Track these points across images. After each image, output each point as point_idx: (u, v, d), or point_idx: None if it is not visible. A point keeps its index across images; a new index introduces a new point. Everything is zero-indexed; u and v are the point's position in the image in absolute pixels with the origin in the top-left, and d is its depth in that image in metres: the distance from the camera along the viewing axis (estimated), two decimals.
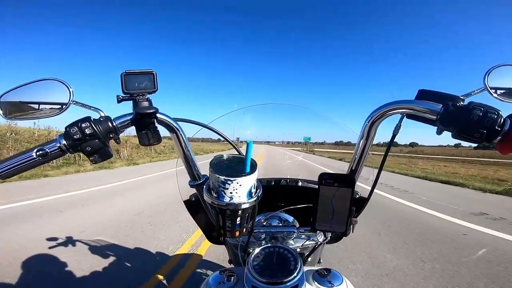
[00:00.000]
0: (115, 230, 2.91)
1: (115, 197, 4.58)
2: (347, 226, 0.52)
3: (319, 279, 0.51)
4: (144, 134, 0.50)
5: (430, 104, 0.45)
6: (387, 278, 2.00)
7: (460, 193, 6.09)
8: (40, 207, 3.77)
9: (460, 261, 2.33)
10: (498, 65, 0.46)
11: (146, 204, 4.06)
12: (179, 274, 1.98)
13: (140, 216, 3.45)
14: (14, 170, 0.43)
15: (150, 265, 2.13)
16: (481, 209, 4.34)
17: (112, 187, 5.54)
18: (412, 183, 7.56)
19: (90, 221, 3.20)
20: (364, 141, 0.54)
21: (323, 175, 0.51)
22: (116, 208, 3.83)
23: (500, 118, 0.39)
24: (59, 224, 3.07)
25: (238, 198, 0.41)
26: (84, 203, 4.08)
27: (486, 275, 2.07)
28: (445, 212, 4.03)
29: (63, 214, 3.48)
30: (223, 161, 0.44)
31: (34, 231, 2.80)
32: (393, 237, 2.93)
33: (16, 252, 2.25)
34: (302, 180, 0.79)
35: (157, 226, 3.09)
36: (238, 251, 0.64)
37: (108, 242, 2.56)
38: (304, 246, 0.64)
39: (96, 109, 0.47)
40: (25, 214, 3.37)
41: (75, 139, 0.43)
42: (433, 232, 3.13)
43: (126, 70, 0.48)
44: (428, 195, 5.50)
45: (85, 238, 2.56)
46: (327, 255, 2.07)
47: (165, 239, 2.69)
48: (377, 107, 0.50)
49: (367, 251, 2.51)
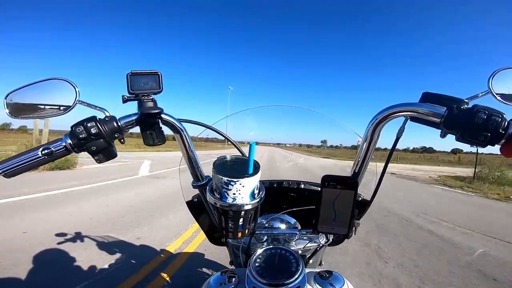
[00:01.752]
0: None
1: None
2: (350, 229, 0.52)
3: (320, 281, 0.51)
4: (148, 134, 0.50)
5: (434, 107, 0.44)
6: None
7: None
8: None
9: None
10: (503, 68, 0.46)
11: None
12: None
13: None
14: (20, 169, 0.43)
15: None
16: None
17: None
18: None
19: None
20: (368, 144, 0.54)
21: (326, 177, 0.51)
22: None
23: (504, 121, 0.39)
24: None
25: (241, 199, 0.41)
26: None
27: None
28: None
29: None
30: (226, 162, 0.44)
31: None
32: None
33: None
34: (305, 182, 0.78)
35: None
36: (239, 252, 0.64)
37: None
38: (306, 248, 0.64)
39: (102, 109, 0.47)
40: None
41: (80, 138, 0.43)
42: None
43: (132, 71, 0.48)
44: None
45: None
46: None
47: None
48: (380, 110, 0.50)
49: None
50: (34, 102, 0.49)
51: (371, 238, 3.01)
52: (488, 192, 7.48)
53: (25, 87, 0.48)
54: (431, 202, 5.65)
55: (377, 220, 3.75)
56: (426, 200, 5.79)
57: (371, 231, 3.26)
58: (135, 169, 7.85)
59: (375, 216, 3.88)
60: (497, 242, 3.17)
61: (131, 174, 6.92)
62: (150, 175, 7.01)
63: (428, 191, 7.45)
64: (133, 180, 6.17)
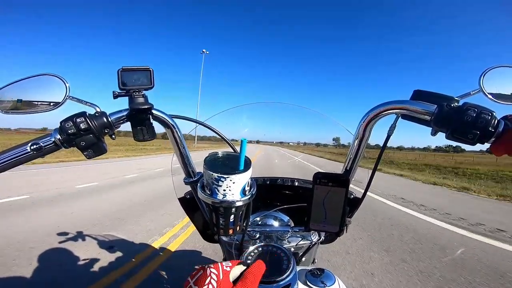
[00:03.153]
0: None
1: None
2: (341, 226, 0.52)
3: (311, 278, 0.51)
4: (139, 130, 0.50)
5: (425, 104, 0.44)
6: None
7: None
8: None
9: None
10: (494, 67, 0.46)
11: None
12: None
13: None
14: (8, 164, 0.43)
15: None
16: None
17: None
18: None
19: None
20: (359, 141, 0.53)
21: (318, 174, 0.51)
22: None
23: (494, 120, 0.39)
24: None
25: (231, 195, 0.41)
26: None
27: None
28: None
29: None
30: (218, 159, 0.44)
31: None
32: None
33: None
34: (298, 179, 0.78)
35: None
36: (232, 249, 0.64)
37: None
38: (298, 245, 0.64)
39: (92, 104, 0.47)
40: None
41: (69, 134, 0.43)
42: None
43: (123, 66, 0.48)
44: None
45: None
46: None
47: None
48: (372, 107, 0.50)
49: None
50: (24, 98, 0.48)
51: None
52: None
53: (15, 83, 0.47)
54: None
55: None
56: None
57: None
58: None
59: None
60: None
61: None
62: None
63: None
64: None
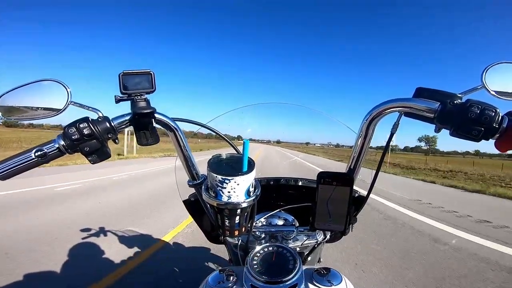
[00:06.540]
0: None
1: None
2: (346, 225, 0.52)
3: (318, 278, 0.51)
4: (142, 134, 0.50)
5: (428, 102, 0.44)
6: None
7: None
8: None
9: None
10: (496, 63, 0.46)
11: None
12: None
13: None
14: (13, 171, 0.43)
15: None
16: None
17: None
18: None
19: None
20: (363, 140, 0.53)
21: (322, 174, 0.51)
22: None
23: (498, 116, 0.39)
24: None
25: (236, 197, 0.41)
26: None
27: None
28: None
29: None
30: (221, 160, 0.44)
31: None
32: None
33: None
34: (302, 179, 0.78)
35: None
36: (237, 250, 0.64)
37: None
38: (303, 245, 0.64)
39: (94, 109, 0.47)
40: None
41: (73, 140, 0.43)
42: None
43: (124, 71, 0.48)
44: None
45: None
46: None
47: None
48: (375, 105, 0.50)
49: None
50: (26, 104, 0.48)
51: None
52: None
53: (17, 88, 0.47)
54: None
55: None
56: None
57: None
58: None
59: None
60: None
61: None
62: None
63: None
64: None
